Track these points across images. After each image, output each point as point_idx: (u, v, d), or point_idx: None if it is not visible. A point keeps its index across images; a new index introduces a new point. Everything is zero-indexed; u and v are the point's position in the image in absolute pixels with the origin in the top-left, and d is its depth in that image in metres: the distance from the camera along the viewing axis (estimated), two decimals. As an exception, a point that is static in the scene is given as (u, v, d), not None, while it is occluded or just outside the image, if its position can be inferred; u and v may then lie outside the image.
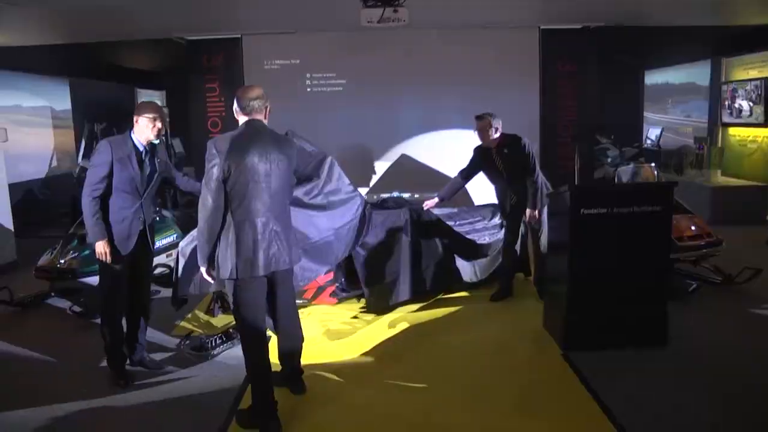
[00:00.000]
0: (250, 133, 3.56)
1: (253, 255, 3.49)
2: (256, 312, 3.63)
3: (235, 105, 3.61)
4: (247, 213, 3.48)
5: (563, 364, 4.37)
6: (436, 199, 5.91)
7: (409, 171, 7.53)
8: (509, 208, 5.72)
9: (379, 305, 5.51)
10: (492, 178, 5.85)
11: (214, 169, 3.42)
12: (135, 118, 4.12)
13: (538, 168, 5.58)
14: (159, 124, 4.14)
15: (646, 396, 3.87)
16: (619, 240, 4.47)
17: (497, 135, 5.57)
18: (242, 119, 3.63)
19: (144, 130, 4.13)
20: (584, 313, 4.52)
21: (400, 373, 4.34)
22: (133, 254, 4.25)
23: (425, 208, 5.88)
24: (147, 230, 4.34)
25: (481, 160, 5.82)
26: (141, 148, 4.17)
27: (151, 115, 4.11)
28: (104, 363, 4.45)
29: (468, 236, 6.09)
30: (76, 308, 5.70)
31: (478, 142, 5.67)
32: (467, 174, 5.93)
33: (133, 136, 4.16)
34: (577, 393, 3.94)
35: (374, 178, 7.54)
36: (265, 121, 3.66)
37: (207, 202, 3.44)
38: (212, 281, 3.68)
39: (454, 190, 5.99)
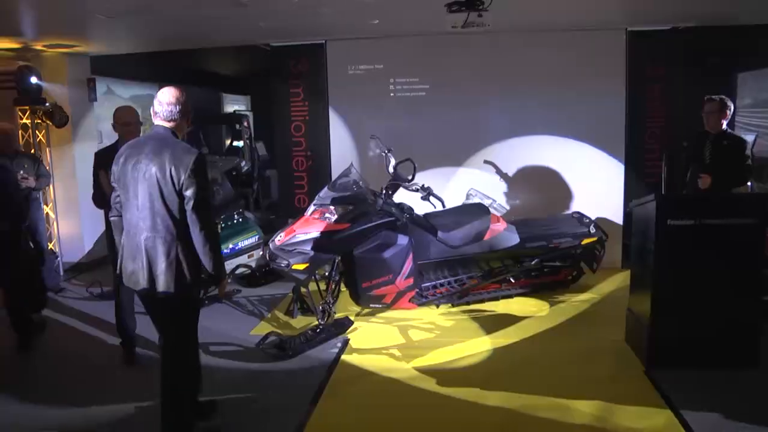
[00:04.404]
0: (141, 140, 3.50)
1: (123, 263, 3.52)
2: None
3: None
4: (125, 222, 3.49)
5: (646, 382, 4.27)
6: None
7: (492, 178, 7.49)
8: None
9: None
10: (691, 170, 5.67)
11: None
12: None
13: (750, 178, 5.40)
14: None
15: (736, 424, 3.69)
16: (709, 253, 4.31)
17: (725, 123, 5.44)
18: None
19: None
20: (669, 329, 4.39)
21: (477, 380, 4.38)
22: None
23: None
24: None
25: (690, 146, 5.66)
26: None
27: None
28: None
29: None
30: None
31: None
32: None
33: None
34: (660, 414, 3.83)
35: (456, 184, 7.51)
36: (167, 125, 3.46)
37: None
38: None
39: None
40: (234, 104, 13.27)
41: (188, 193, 3.28)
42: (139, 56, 8.33)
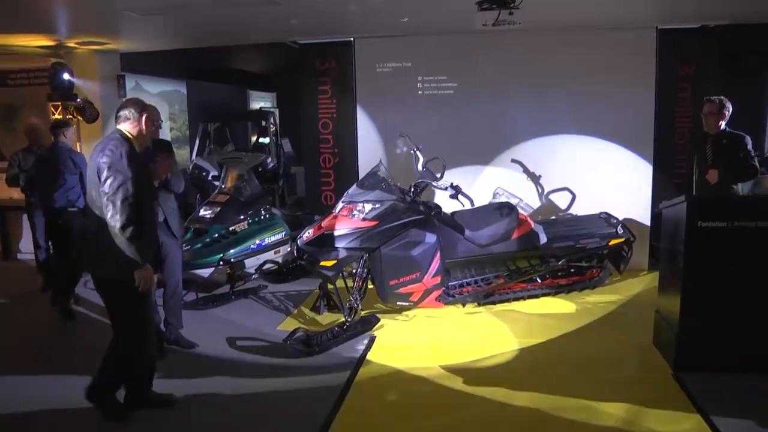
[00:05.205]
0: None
1: None
2: None
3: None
4: None
5: (675, 385, 4.23)
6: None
7: (519, 176, 7.46)
8: None
9: None
10: (697, 171, 5.68)
11: None
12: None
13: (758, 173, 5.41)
14: None
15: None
16: (740, 256, 4.25)
17: (724, 123, 5.43)
18: None
19: None
20: (698, 332, 4.34)
21: (503, 380, 4.37)
22: None
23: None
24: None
25: (693, 147, 5.67)
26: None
27: None
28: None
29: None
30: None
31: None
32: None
33: None
34: (689, 419, 3.78)
35: (483, 183, 7.50)
36: (125, 130, 3.67)
37: None
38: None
39: None
40: (260, 101, 13.32)
41: (102, 179, 3.47)
42: (167, 53, 8.44)
